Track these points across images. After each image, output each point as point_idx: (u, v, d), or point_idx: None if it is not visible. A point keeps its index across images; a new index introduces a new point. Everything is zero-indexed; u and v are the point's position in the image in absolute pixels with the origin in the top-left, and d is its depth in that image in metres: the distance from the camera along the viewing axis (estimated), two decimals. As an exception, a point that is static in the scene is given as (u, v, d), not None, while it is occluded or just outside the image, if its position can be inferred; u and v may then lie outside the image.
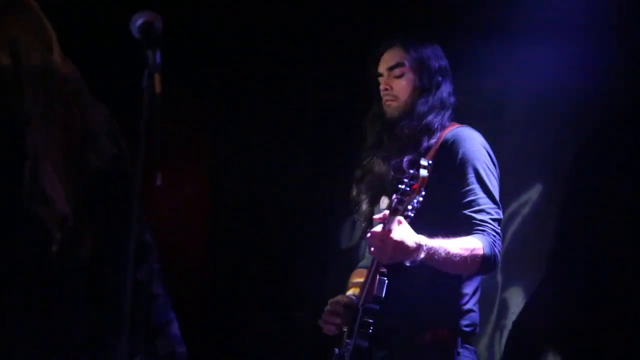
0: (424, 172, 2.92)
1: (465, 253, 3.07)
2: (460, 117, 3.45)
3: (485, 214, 3.20)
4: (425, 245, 2.98)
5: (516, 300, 4.34)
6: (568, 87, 4.18)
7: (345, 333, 3.37)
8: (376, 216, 3.13)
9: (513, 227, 4.34)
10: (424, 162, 2.93)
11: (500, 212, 3.30)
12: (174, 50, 2.48)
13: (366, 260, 3.59)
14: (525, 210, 4.30)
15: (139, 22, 2.02)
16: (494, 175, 3.30)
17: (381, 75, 3.39)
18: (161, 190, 1.91)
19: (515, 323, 4.30)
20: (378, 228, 3.00)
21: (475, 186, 3.21)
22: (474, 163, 3.23)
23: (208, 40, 5.41)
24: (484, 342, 4.21)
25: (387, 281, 3.14)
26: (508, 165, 3.73)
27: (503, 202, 3.41)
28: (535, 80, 4.29)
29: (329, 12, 5.06)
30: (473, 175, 3.22)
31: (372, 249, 3.05)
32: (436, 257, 3.02)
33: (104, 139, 2.60)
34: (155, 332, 2.67)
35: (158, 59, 1.97)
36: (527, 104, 4.37)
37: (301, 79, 5.33)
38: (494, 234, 3.17)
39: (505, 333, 4.35)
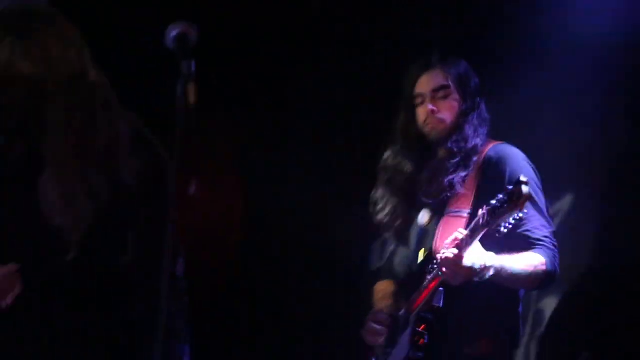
0: (526, 189, 2.89)
1: (530, 269, 3.14)
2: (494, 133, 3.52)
3: (541, 230, 3.25)
4: (494, 264, 3.03)
5: (551, 311, 4.38)
6: (596, 102, 4.28)
7: (385, 342, 3.41)
8: (448, 240, 3.13)
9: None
10: (523, 178, 2.92)
11: (553, 226, 3.37)
12: (208, 61, 2.51)
13: (385, 274, 3.71)
14: (556, 221, 4.29)
15: (174, 33, 2.02)
16: (540, 191, 3.33)
17: (420, 95, 3.39)
18: (195, 200, 1.95)
19: (550, 333, 4.30)
20: (451, 252, 3.03)
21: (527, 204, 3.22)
22: (533, 186, 3.23)
23: (242, 52, 5.45)
24: (520, 353, 4.20)
25: (444, 291, 3.17)
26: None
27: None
28: (564, 97, 4.37)
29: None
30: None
31: (445, 270, 3.07)
32: (503, 274, 3.08)
33: (130, 152, 2.62)
34: None
35: (193, 69, 1.97)
36: (557, 121, 4.41)
37: (334, 92, 5.32)
38: (553, 247, 3.24)
39: (539, 344, 4.40)
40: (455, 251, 3.00)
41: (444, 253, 3.07)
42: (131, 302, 2.67)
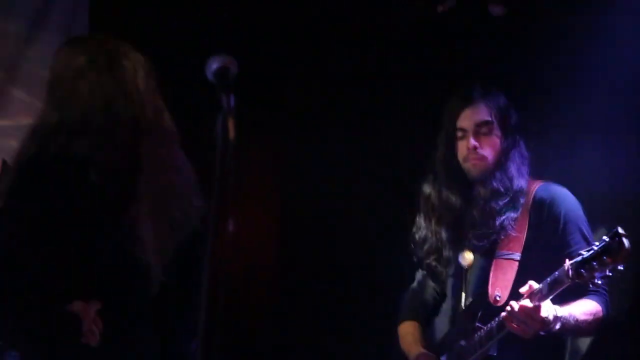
0: (627, 242, 2.86)
1: (590, 318, 3.19)
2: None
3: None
4: (563, 315, 3.07)
5: (586, 346, 4.37)
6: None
7: None
8: (523, 290, 3.11)
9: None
10: (622, 230, 2.89)
11: None
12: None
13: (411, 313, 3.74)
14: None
15: (215, 66, 2.02)
16: (590, 232, 3.39)
17: (462, 130, 3.41)
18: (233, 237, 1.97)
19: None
20: (526, 303, 3.01)
21: (579, 243, 3.32)
22: (578, 223, 3.34)
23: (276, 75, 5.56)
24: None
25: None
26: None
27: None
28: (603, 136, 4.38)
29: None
30: (580, 236, 3.33)
31: (517, 322, 3.05)
32: (567, 326, 3.12)
33: (193, 194, 2.72)
34: None
35: (232, 103, 1.97)
36: (588, 156, 4.42)
37: (370, 109, 5.42)
38: (605, 292, 3.25)
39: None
40: (530, 304, 2.99)
41: (516, 304, 3.05)
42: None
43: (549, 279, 3.05)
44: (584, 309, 3.19)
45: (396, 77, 5.34)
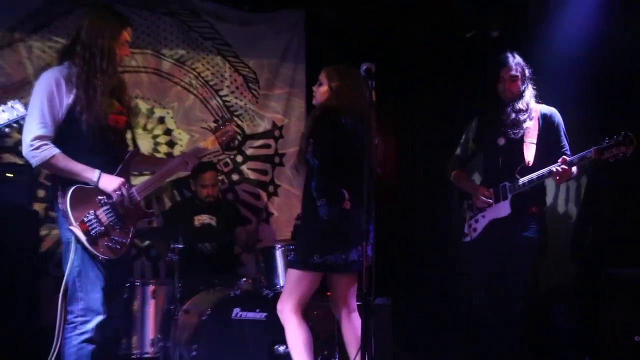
0: (635, 140, 3.99)
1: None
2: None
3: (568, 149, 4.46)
4: (576, 172, 4.37)
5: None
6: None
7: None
8: (561, 159, 4.19)
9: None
10: (629, 133, 4.01)
11: None
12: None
13: (460, 165, 4.71)
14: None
15: (364, 67, 3.41)
16: None
17: (502, 78, 4.49)
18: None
19: None
20: (564, 165, 4.15)
21: (564, 139, 4.49)
22: (564, 129, 4.51)
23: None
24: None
25: None
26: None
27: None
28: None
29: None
30: (564, 137, 4.49)
31: (559, 177, 4.19)
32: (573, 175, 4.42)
33: None
34: None
35: (373, 84, 3.39)
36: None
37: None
38: None
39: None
40: (566, 166, 4.16)
41: (560, 165, 4.16)
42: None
43: (577, 155, 4.16)
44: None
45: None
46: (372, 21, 6.48)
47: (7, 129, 3.37)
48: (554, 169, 4.17)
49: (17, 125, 3.28)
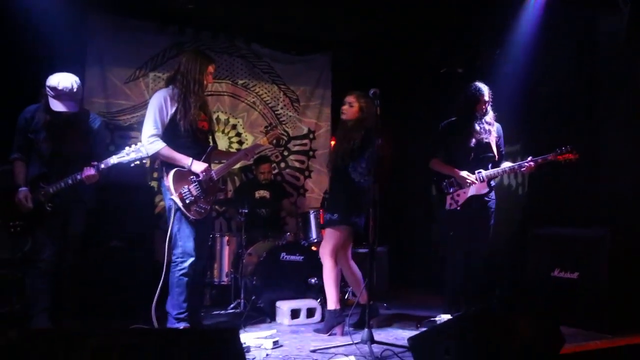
0: (575, 152, 3.97)
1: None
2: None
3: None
4: None
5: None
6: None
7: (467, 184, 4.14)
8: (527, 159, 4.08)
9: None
10: (569, 147, 3.99)
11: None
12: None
13: (439, 153, 4.31)
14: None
15: (372, 91, 3.56)
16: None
17: (481, 100, 4.16)
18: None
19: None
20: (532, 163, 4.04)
21: (503, 144, 4.28)
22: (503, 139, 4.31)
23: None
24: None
25: None
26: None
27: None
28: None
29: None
30: (503, 141, 4.29)
31: (526, 170, 4.07)
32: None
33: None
34: None
35: (378, 103, 3.55)
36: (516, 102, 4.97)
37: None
38: None
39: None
40: (533, 164, 4.03)
41: (531, 162, 4.03)
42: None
43: (542, 156, 3.98)
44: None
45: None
46: (376, 61, 6.40)
47: (132, 164, 3.63)
48: (525, 164, 4.05)
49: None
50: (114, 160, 3.59)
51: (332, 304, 3.97)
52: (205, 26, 5.97)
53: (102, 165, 3.57)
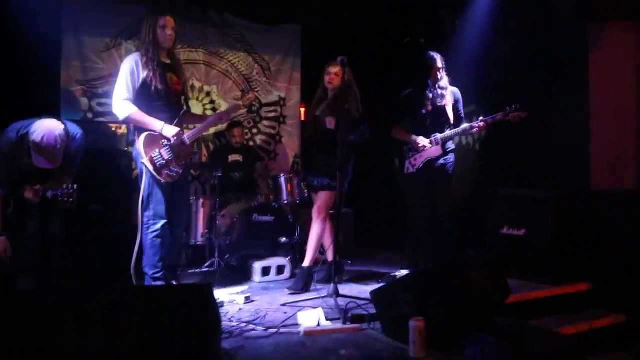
0: (524, 114, 3.97)
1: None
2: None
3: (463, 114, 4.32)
4: None
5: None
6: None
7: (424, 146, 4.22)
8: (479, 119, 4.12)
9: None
10: (518, 105, 3.98)
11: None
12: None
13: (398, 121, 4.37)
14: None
15: (340, 59, 3.62)
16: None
17: (433, 68, 4.19)
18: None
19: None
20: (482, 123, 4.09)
21: (462, 108, 4.29)
22: (461, 100, 4.30)
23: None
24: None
25: None
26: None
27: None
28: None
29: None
30: (462, 105, 4.31)
31: (478, 129, 4.09)
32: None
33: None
34: None
35: (346, 70, 3.64)
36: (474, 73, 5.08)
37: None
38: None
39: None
40: (484, 124, 4.07)
41: (481, 122, 4.07)
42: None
43: (491, 116, 4.00)
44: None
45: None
46: (343, 30, 6.31)
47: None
48: (476, 125, 4.08)
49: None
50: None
51: (309, 261, 4.00)
52: (179, -4, 5.86)
53: (49, 194, 3.43)
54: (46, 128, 3.43)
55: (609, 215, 4.12)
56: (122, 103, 3.49)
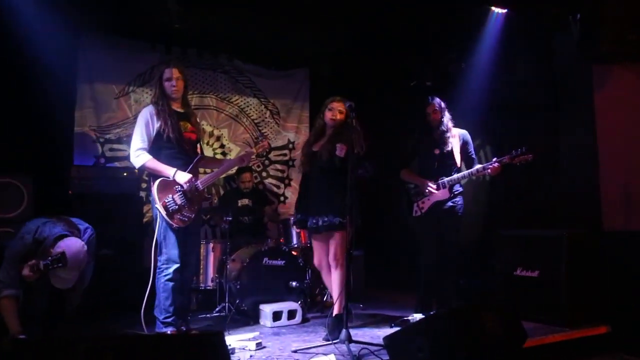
0: (530, 155, 3.88)
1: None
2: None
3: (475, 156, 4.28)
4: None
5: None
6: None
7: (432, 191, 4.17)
8: (488, 162, 4.05)
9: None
10: (525, 149, 3.90)
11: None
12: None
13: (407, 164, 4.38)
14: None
15: (348, 104, 3.65)
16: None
17: (427, 112, 4.27)
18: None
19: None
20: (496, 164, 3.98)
21: (472, 150, 4.25)
22: (472, 142, 4.29)
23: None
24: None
25: None
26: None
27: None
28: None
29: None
30: (472, 147, 4.27)
31: (491, 171, 3.97)
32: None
33: None
34: None
35: (354, 114, 3.61)
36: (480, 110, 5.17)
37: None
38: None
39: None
40: (497, 166, 3.96)
41: (495, 164, 3.97)
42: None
43: (499, 159, 3.93)
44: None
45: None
46: (351, 75, 6.42)
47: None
48: (489, 166, 3.98)
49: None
50: None
51: (339, 309, 3.76)
52: (190, 44, 5.98)
53: (41, 266, 3.27)
54: (72, 254, 3.33)
55: (624, 255, 4.02)
56: (137, 152, 3.59)
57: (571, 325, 3.81)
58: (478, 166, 4.12)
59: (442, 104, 4.27)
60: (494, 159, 4.04)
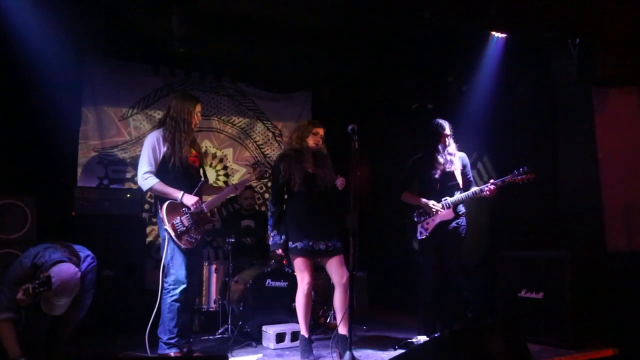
0: (532, 174, 3.90)
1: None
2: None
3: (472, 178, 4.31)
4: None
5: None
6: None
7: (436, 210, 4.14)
8: (488, 184, 4.01)
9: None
10: (527, 168, 3.92)
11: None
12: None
13: (408, 186, 4.32)
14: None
15: (350, 127, 3.55)
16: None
17: (442, 135, 4.19)
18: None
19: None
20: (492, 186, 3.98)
21: (470, 172, 4.26)
22: (469, 165, 4.29)
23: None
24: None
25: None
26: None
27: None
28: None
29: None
30: (469, 169, 4.28)
31: (489, 192, 3.95)
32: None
33: None
34: None
35: (356, 137, 3.53)
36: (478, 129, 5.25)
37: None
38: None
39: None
40: (495, 187, 3.96)
41: (492, 185, 3.97)
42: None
43: (501, 179, 3.93)
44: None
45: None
46: (352, 97, 6.46)
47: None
48: (486, 188, 3.98)
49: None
50: None
51: (347, 330, 3.67)
52: (194, 67, 6.03)
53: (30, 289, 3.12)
54: (61, 280, 3.18)
55: (628, 276, 3.98)
56: (145, 175, 3.64)
57: (577, 347, 3.75)
58: (475, 188, 4.12)
59: (451, 129, 4.29)
60: (491, 181, 4.04)
